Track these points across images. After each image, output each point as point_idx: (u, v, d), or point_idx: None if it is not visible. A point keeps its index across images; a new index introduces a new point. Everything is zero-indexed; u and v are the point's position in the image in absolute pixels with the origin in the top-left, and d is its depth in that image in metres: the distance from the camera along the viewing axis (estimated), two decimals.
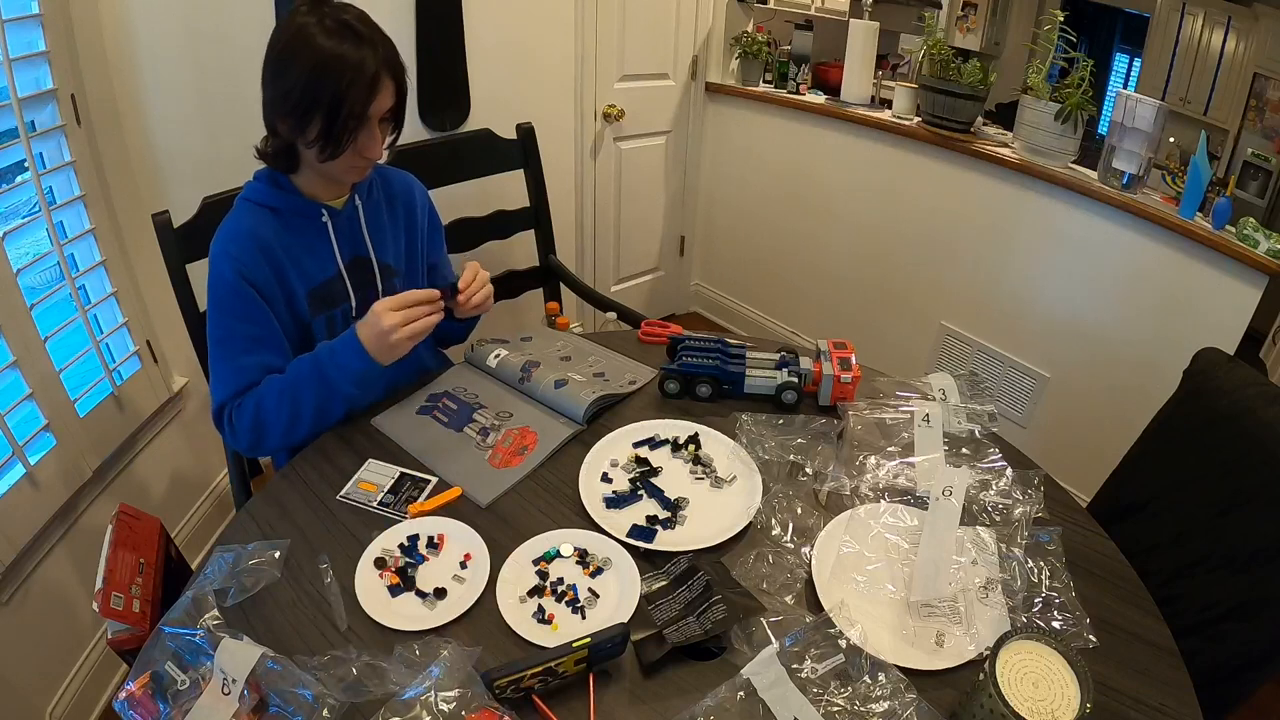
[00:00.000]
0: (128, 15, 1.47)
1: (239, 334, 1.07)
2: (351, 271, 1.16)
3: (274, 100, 1.01)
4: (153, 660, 0.71)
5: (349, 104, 0.98)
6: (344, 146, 1.02)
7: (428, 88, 1.92)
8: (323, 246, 1.13)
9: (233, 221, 1.09)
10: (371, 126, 1.03)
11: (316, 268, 1.13)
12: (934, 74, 2.05)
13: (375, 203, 1.20)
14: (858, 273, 2.50)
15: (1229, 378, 1.03)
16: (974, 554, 0.86)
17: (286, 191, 1.10)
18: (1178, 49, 1.97)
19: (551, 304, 1.97)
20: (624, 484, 1.01)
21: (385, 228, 1.22)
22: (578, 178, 2.48)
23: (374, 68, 0.99)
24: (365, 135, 1.03)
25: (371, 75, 0.98)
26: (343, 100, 0.97)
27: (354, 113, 0.99)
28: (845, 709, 0.70)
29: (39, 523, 1.31)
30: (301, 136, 1.01)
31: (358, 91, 0.98)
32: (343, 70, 0.97)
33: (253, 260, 1.06)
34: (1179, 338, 1.73)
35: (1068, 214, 1.90)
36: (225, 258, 1.06)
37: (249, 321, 1.07)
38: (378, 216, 1.20)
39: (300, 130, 1.01)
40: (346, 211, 1.15)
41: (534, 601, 0.84)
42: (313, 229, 1.12)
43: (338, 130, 0.99)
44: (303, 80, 0.97)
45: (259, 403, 1.05)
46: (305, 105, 0.98)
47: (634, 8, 2.35)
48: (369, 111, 1.01)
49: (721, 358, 1.17)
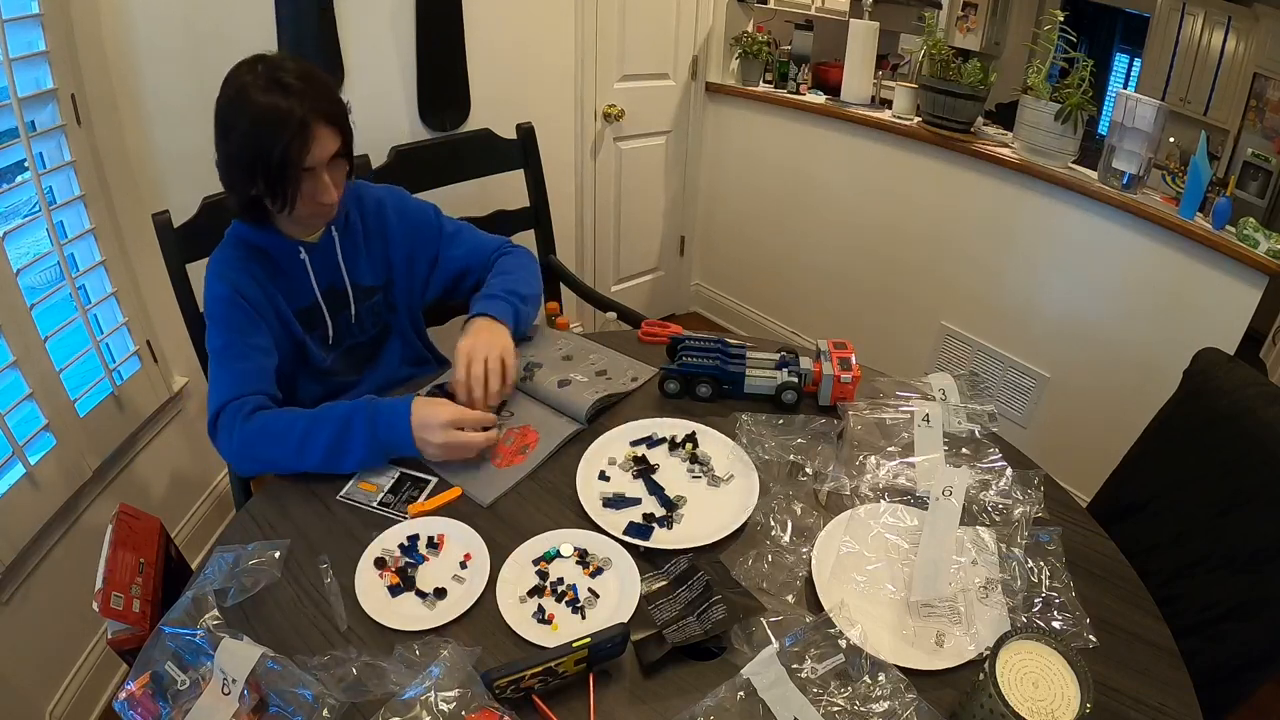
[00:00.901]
0: (128, 15, 1.47)
1: (236, 343, 1.09)
2: (327, 299, 1.20)
3: (224, 161, 1.04)
4: (153, 660, 0.71)
5: (282, 156, 0.99)
6: (291, 199, 1.04)
7: (428, 88, 1.92)
8: (302, 279, 1.17)
9: (225, 251, 1.14)
10: (317, 174, 1.04)
11: (298, 295, 1.17)
12: (934, 74, 2.05)
13: (353, 229, 1.22)
14: (858, 273, 2.50)
15: (1229, 378, 1.03)
16: (974, 554, 0.86)
17: (268, 232, 1.14)
18: (1178, 49, 1.97)
19: (551, 304, 1.97)
20: (623, 483, 1.01)
21: (361, 252, 1.24)
22: (578, 178, 2.48)
23: (301, 116, 0.99)
24: (311, 184, 1.04)
25: (298, 125, 0.99)
26: (276, 154, 0.99)
27: (291, 163, 1.00)
28: (845, 709, 0.70)
29: (39, 523, 1.31)
30: (253, 190, 1.03)
31: (291, 144, 0.99)
32: (275, 125, 0.98)
33: (246, 282, 1.10)
34: (1179, 338, 1.72)
35: (1068, 214, 1.90)
36: (221, 279, 1.10)
37: (244, 333, 1.10)
38: (354, 244, 1.22)
39: (250, 185, 1.03)
40: (322, 245, 1.18)
41: (534, 601, 0.84)
42: (295, 264, 1.16)
43: (282, 184, 1.01)
44: (240, 139, 1.00)
45: (267, 422, 1.03)
46: (247, 163, 1.00)
47: (634, 8, 2.35)
48: (306, 162, 1.01)
49: (721, 358, 1.17)
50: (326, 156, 1.04)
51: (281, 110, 0.98)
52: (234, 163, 1.02)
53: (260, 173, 1.00)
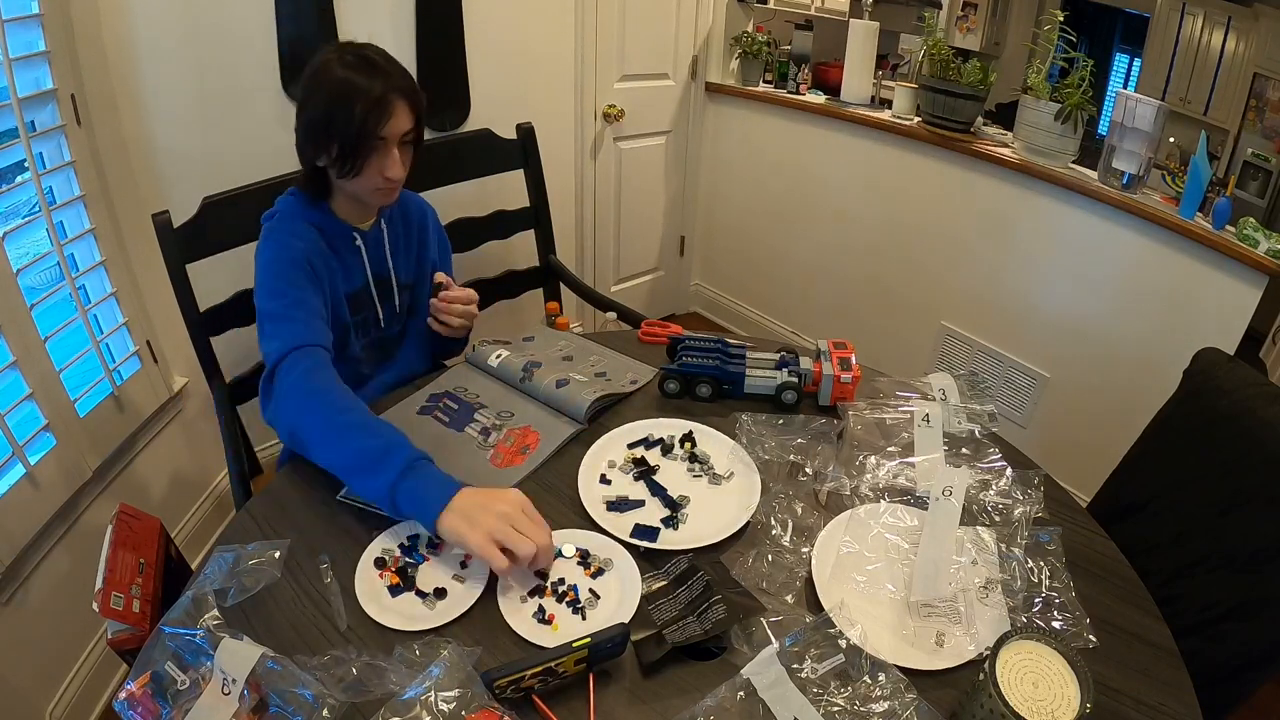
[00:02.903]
0: (128, 15, 1.47)
1: (299, 299, 1.07)
2: (377, 286, 1.26)
3: (302, 129, 1.10)
4: (153, 660, 0.71)
5: (362, 126, 1.05)
6: (361, 166, 1.09)
7: (428, 88, 1.88)
8: (355, 262, 1.22)
9: (282, 220, 1.15)
10: (388, 148, 1.10)
11: (349, 278, 1.22)
12: (934, 74, 2.05)
13: (394, 225, 1.29)
14: (858, 272, 2.50)
15: (1229, 378, 1.03)
16: (974, 554, 0.86)
17: (323, 213, 1.18)
18: (1178, 49, 1.97)
19: (551, 304, 1.97)
20: (624, 486, 1.01)
21: (401, 250, 1.30)
22: (578, 178, 2.48)
23: (382, 91, 1.06)
24: (382, 156, 1.10)
25: (379, 98, 1.05)
26: (355, 122, 1.05)
27: (367, 133, 1.06)
28: (845, 709, 0.70)
29: (39, 523, 1.31)
30: (327, 158, 1.09)
31: (370, 114, 1.05)
32: (355, 96, 1.05)
33: (311, 249, 1.13)
34: (1179, 338, 1.72)
35: (1068, 214, 1.90)
36: (290, 236, 1.12)
37: (306, 290, 1.10)
38: (397, 239, 1.29)
39: (324, 153, 1.09)
40: (374, 234, 1.24)
41: (534, 602, 0.84)
42: (347, 247, 1.21)
43: (354, 151, 1.07)
44: (322, 107, 1.07)
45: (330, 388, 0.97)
46: (325, 130, 1.07)
47: (634, 8, 2.35)
48: (382, 133, 1.07)
49: (721, 358, 1.17)
50: (400, 132, 1.10)
51: (363, 83, 1.05)
52: (311, 129, 1.08)
53: (337, 138, 1.06)
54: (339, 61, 1.06)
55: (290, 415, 0.97)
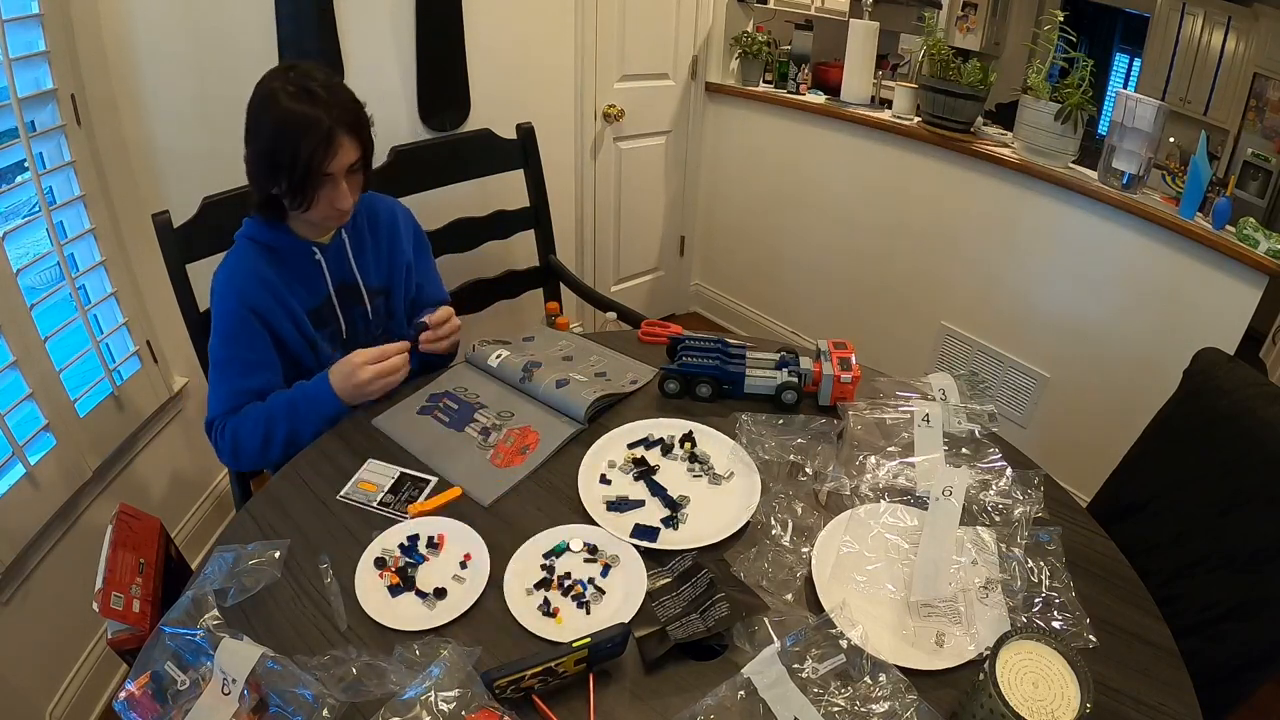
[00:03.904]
0: (128, 15, 1.47)
1: (238, 359, 1.15)
2: (340, 295, 1.25)
3: (251, 160, 1.11)
4: (153, 660, 0.71)
5: (308, 162, 1.05)
6: (310, 201, 1.10)
7: (428, 88, 1.92)
8: (316, 277, 1.22)
9: (234, 258, 1.18)
10: (336, 181, 1.10)
11: (310, 294, 1.22)
12: (934, 74, 2.05)
13: (360, 232, 1.28)
14: (858, 272, 2.50)
15: (1229, 378, 1.03)
16: (974, 554, 0.86)
17: (281, 232, 1.19)
18: (1178, 49, 1.97)
19: (551, 304, 1.97)
20: (624, 486, 1.01)
21: (369, 254, 1.29)
22: (578, 178, 2.48)
23: (328, 126, 1.05)
24: (330, 190, 1.10)
25: (326, 134, 1.05)
26: (302, 159, 1.05)
27: (315, 170, 1.06)
28: (846, 709, 0.70)
29: (39, 523, 1.31)
30: (278, 189, 1.09)
31: (316, 151, 1.05)
32: (302, 131, 1.04)
33: (254, 290, 1.15)
34: (1179, 338, 1.72)
35: (1068, 214, 1.90)
36: (230, 288, 1.15)
37: (249, 349, 1.15)
38: (362, 246, 1.28)
39: (273, 184, 1.09)
40: (334, 246, 1.24)
41: (540, 594, 0.84)
42: (307, 264, 1.21)
43: (303, 186, 1.08)
44: (269, 140, 1.06)
45: (237, 428, 1.14)
46: (273, 163, 1.07)
47: (634, 8, 2.35)
48: (328, 169, 1.08)
49: (721, 358, 1.17)
50: (346, 165, 1.10)
51: (310, 118, 1.04)
52: (259, 161, 1.09)
53: (284, 174, 1.06)
54: (284, 92, 1.05)
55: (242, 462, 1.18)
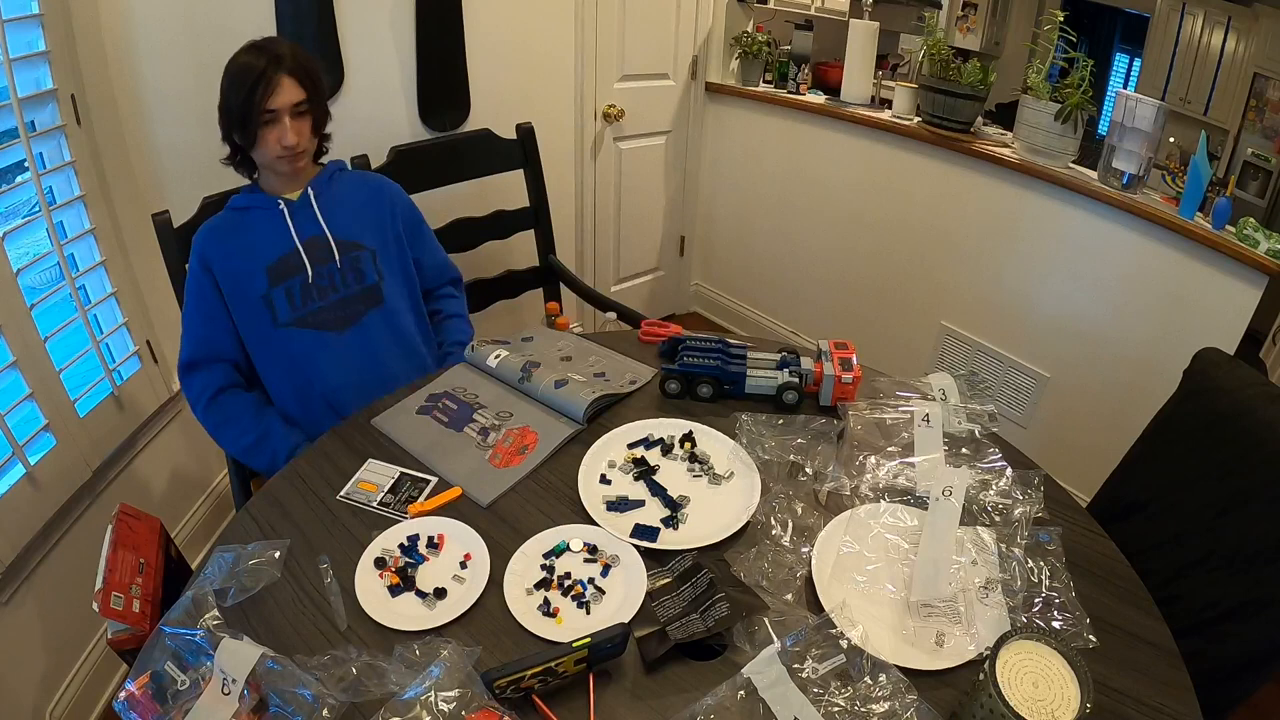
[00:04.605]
0: (128, 14, 1.47)
1: (194, 310, 1.29)
2: (308, 248, 1.32)
3: (218, 114, 1.24)
4: (153, 660, 0.71)
5: (248, 100, 1.19)
6: (256, 136, 1.22)
7: (428, 88, 1.92)
8: (280, 229, 1.31)
9: (214, 219, 1.31)
10: (279, 118, 1.21)
11: (274, 246, 1.30)
12: (934, 74, 2.05)
13: (334, 192, 1.37)
14: (858, 273, 2.50)
15: (1229, 378, 1.03)
16: (974, 554, 0.86)
17: (255, 193, 1.33)
18: (1178, 49, 1.97)
19: (551, 304, 1.97)
20: (624, 486, 1.01)
21: (342, 211, 1.37)
22: (578, 178, 2.48)
23: (264, 67, 1.18)
24: (274, 126, 1.22)
25: (261, 73, 1.18)
26: (243, 99, 1.19)
27: (254, 105, 1.19)
28: (846, 709, 0.70)
29: (39, 523, 1.31)
30: (236, 134, 1.23)
31: (255, 89, 1.18)
32: (242, 75, 1.19)
33: (213, 247, 1.28)
34: (1179, 338, 1.72)
35: (1068, 214, 1.90)
36: (195, 250, 1.29)
37: (202, 300, 1.28)
38: (334, 202, 1.37)
39: (232, 130, 1.23)
40: (301, 201, 1.33)
41: (540, 594, 0.84)
42: (273, 218, 1.31)
43: (247, 122, 1.21)
44: (223, 92, 1.22)
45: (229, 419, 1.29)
46: (226, 110, 1.22)
47: (634, 8, 2.35)
48: (270, 105, 1.20)
49: (722, 358, 1.17)
50: (288, 104, 1.21)
51: (250, 64, 1.19)
52: (220, 112, 1.23)
53: (235, 114, 1.20)
54: (241, 52, 1.21)
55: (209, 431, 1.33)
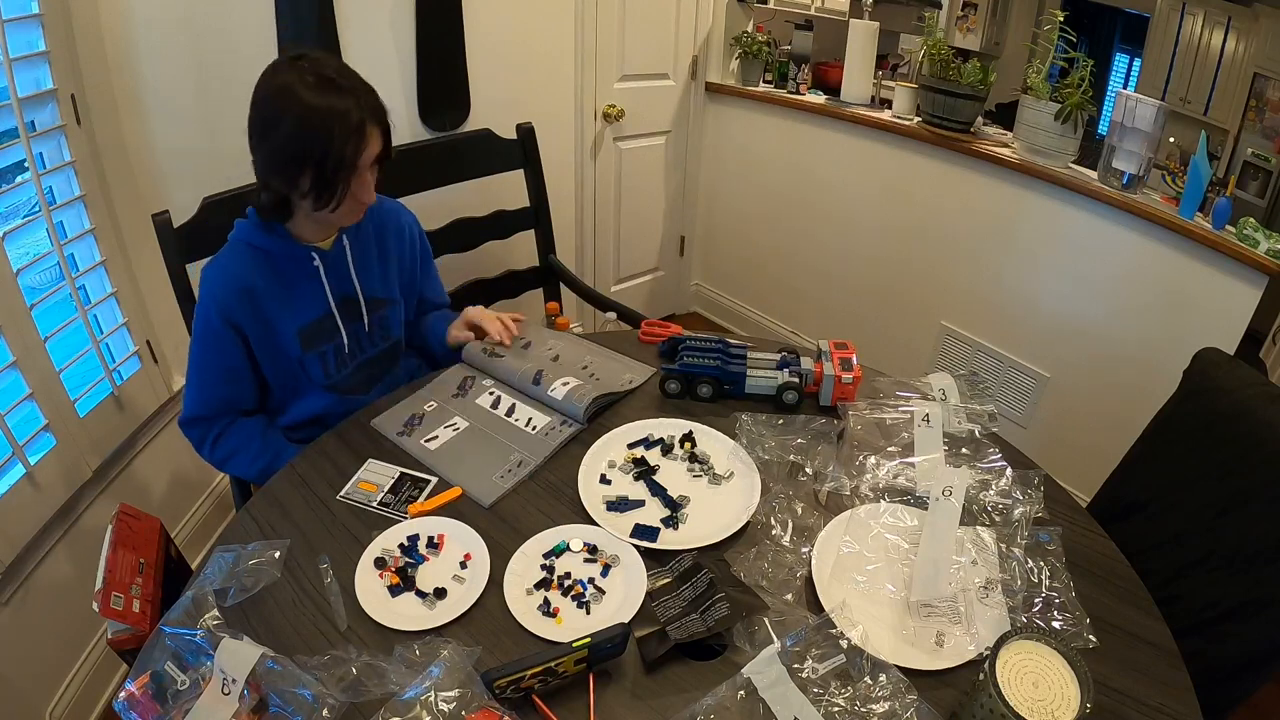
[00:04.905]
0: (128, 14, 1.47)
1: (214, 366, 1.13)
2: (341, 310, 1.19)
3: (266, 158, 1.03)
4: (153, 660, 0.71)
5: (339, 156, 1.00)
6: (338, 197, 1.04)
7: (428, 88, 1.92)
8: (314, 288, 1.16)
9: (223, 260, 1.12)
10: (363, 174, 1.05)
11: (307, 308, 1.16)
12: (934, 74, 2.05)
13: (364, 238, 1.22)
14: (858, 272, 2.50)
15: (1229, 378, 1.03)
16: (974, 554, 0.86)
17: (278, 236, 1.12)
18: (1178, 49, 1.97)
19: (551, 304, 1.97)
20: (624, 486, 1.01)
21: (373, 262, 1.23)
22: (578, 178, 2.48)
23: (359, 118, 1.00)
24: (357, 183, 1.05)
25: (357, 125, 1.00)
26: (332, 153, 0.99)
27: (345, 164, 1.01)
28: (846, 709, 0.70)
29: (39, 523, 1.31)
30: (295, 190, 1.03)
31: (347, 143, 1.00)
32: (330, 124, 0.98)
33: (236, 303, 1.10)
34: (1179, 338, 1.72)
35: (1068, 214, 1.90)
36: (211, 300, 1.10)
37: (224, 357, 1.12)
38: (366, 253, 1.22)
39: (293, 184, 1.03)
40: (334, 252, 1.17)
41: (540, 594, 0.84)
42: (303, 272, 1.14)
43: (330, 182, 1.02)
44: (292, 136, 0.99)
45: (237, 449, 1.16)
46: (296, 160, 1.00)
47: (634, 7, 2.35)
48: (359, 162, 1.03)
49: (722, 358, 1.17)
50: (374, 156, 1.06)
51: (338, 109, 0.98)
52: (277, 160, 1.01)
53: (313, 169, 1.00)
54: (301, 83, 0.98)
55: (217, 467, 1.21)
